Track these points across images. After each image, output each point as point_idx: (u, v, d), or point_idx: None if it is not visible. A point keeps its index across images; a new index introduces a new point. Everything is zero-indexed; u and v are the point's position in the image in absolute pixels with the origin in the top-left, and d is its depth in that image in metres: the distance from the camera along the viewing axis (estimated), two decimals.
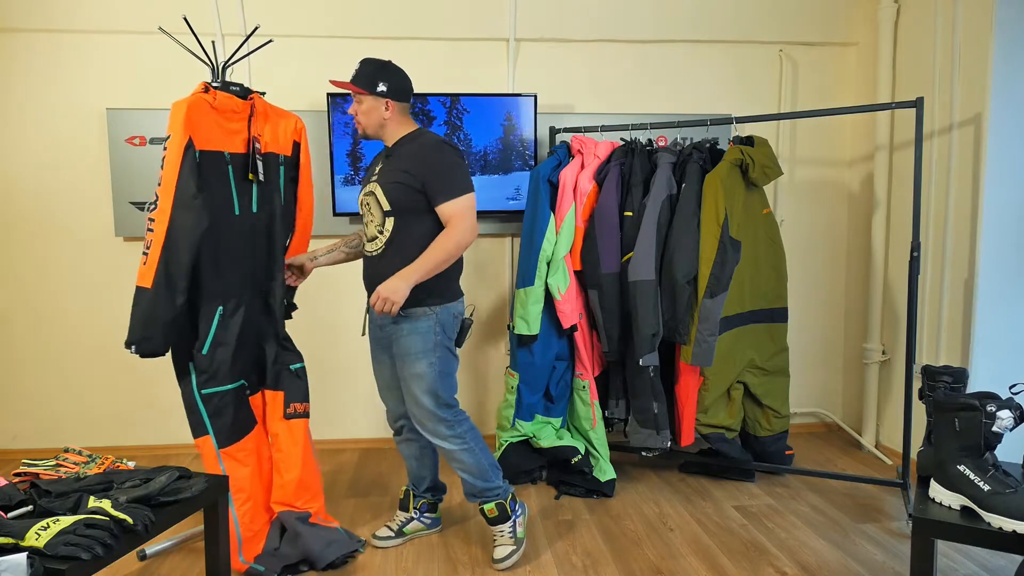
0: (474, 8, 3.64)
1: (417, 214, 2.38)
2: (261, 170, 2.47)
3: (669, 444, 3.10)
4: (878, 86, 3.60)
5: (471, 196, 2.38)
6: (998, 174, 2.96)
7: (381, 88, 2.39)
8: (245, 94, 2.45)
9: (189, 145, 2.26)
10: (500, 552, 2.50)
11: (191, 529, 2.68)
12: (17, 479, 2.07)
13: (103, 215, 3.58)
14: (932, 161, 3.24)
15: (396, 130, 2.45)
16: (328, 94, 3.47)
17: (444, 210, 2.35)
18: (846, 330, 4.01)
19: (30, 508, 1.75)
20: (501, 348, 3.86)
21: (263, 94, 2.53)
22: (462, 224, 2.34)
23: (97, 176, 3.57)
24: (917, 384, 2.93)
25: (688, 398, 3.13)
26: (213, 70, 2.45)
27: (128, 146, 3.50)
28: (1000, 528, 1.72)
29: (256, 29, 2.63)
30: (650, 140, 3.27)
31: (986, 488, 1.78)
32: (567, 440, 3.19)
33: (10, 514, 1.71)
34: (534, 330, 3.12)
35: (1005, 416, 1.79)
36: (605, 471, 3.13)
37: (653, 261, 2.97)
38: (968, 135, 3.06)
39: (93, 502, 1.74)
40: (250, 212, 2.47)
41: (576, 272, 3.17)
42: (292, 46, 3.57)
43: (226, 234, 2.41)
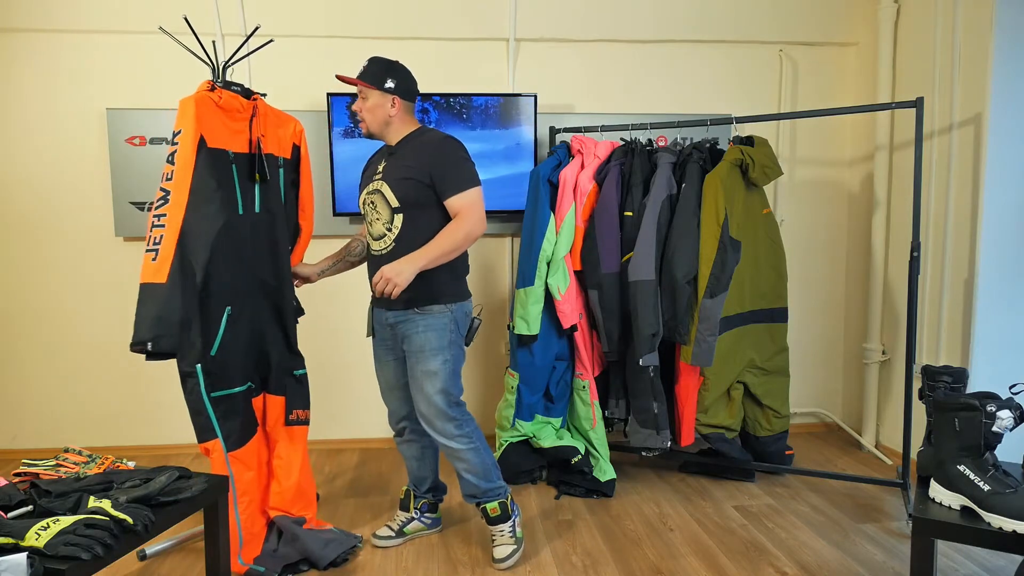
0: (474, 8, 3.64)
1: (426, 209, 2.38)
2: (267, 171, 2.47)
3: (669, 444, 3.10)
4: (878, 86, 3.60)
5: (479, 190, 2.39)
6: (998, 174, 2.96)
7: (389, 84, 2.40)
8: (247, 95, 2.46)
9: (202, 141, 2.24)
10: (501, 552, 2.51)
11: (191, 529, 2.68)
12: (17, 479, 2.07)
13: (103, 215, 3.58)
14: (932, 161, 3.24)
15: (400, 129, 2.45)
16: (328, 94, 3.47)
17: (453, 203, 2.36)
18: (846, 330, 4.01)
19: (30, 508, 1.75)
20: (501, 348, 3.86)
21: (264, 96, 2.54)
22: (472, 216, 2.35)
23: (97, 176, 3.57)
24: (917, 384, 2.92)
25: (688, 398, 3.13)
26: (213, 70, 2.45)
27: (128, 146, 3.50)
28: (1000, 528, 1.72)
29: (256, 29, 2.63)
30: (650, 140, 3.27)
31: (986, 488, 1.78)
32: (567, 440, 3.19)
33: (10, 514, 1.71)
34: (534, 330, 3.12)
35: (1005, 416, 1.79)
36: (605, 471, 3.13)
37: (653, 261, 2.97)
38: (968, 135, 3.06)
39: (93, 502, 1.75)
40: (253, 212, 2.47)
41: (576, 272, 3.17)
42: (292, 46, 3.57)
43: (231, 233, 2.40)
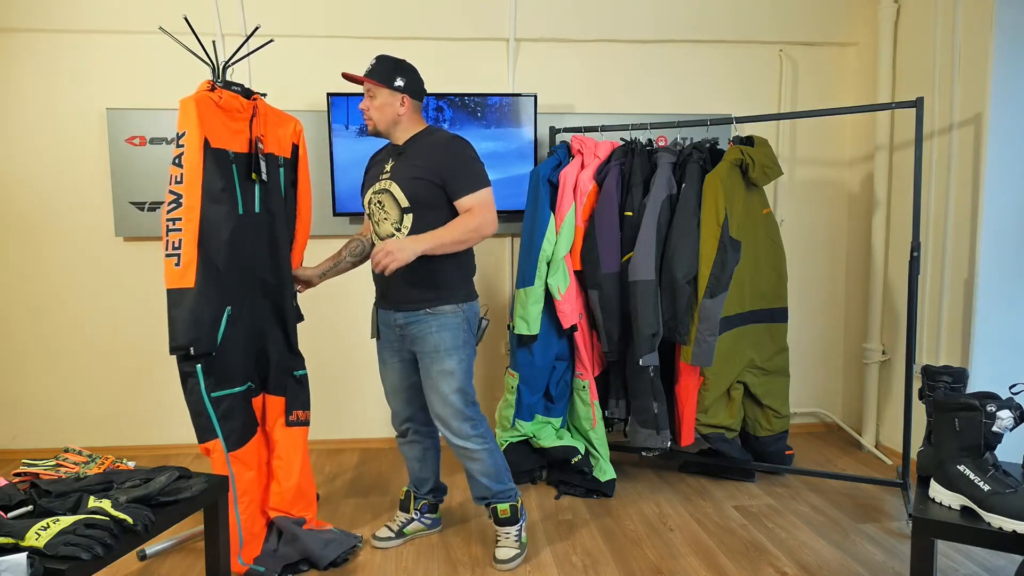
0: (474, 8, 3.64)
1: (436, 210, 2.37)
2: (264, 170, 2.47)
3: (669, 444, 3.10)
4: (878, 86, 3.60)
5: (490, 190, 2.40)
6: (998, 174, 2.96)
7: (399, 83, 2.40)
8: (247, 95, 2.45)
9: (206, 142, 2.25)
10: (504, 553, 2.50)
11: (191, 529, 2.68)
12: (17, 479, 2.07)
13: (103, 215, 3.58)
14: (932, 161, 3.24)
15: (408, 128, 2.44)
16: (328, 94, 3.47)
17: (464, 203, 2.36)
18: (846, 330, 4.01)
19: (30, 508, 1.75)
20: (501, 348, 3.86)
21: (264, 96, 2.54)
22: (484, 213, 2.36)
23: (97, 176, 3.57)
24: (917, 384, 2.92)
25: (688, 398, 3.13)
26: (213, 70, 2.45)
27: (128, 146, 3.50)
28: (1000, 528, 1.72)
29: (256, 29, 2.63)
30: (650, 140, 3.27)
31: (986, 488, 1.78)
32: (567, 440, 3.19)
33: (10, 514, 1.71)
34: (534, 330, 3.12)
35: (1005, 416, 1.79)
36: (605, 471, 3.13)
37: (653, 261, 2.97)
38: (968, 135, 3.06)
39: (93, 502, 1.75)
40: (253, 212, 2.47)
41: (576, 272, 3.17)
42: (292, 46, 3.57)
43: (234, 233, 2.40)
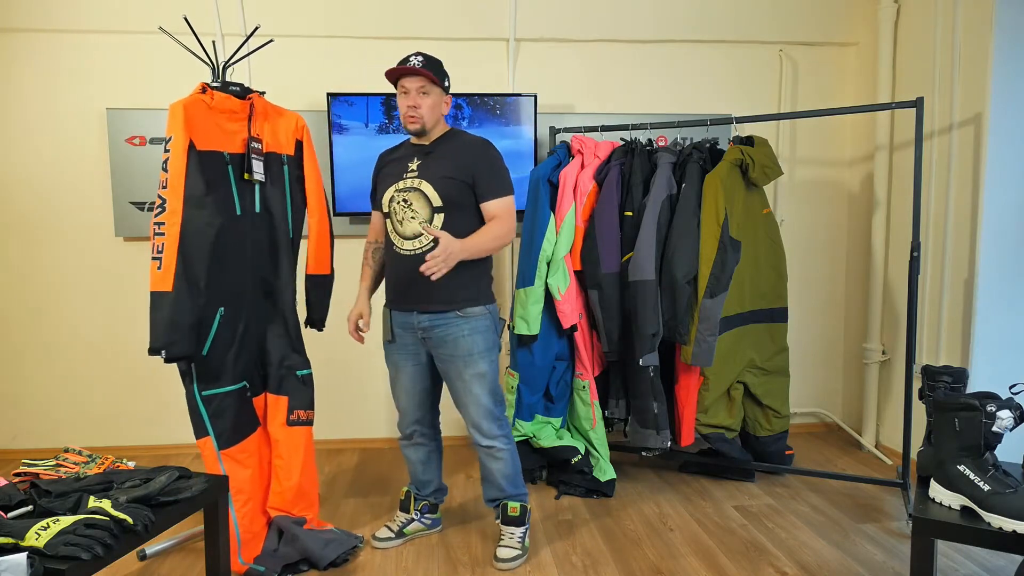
0: (474, 8, 3.64)
1: (465, 210, 2.40)
2: (260, 170, 2.46)
3: (669, 444, 3.10)
4: (878, 86, 3.60)
5: (513, 197, 2.45)
6: (998, 174, 2.96)
7: (447, 83, 2.44)
8: (244, 94, 2.45)
9: (191, 145, 2.26)
10: (506, 553, 2.50)
11: (191, 529, 2.68)
12: (17, 479, 2.07)
13: (103, 215, 3.58)
14: (932, 161, 3.24)
15: (439, 128, 2.47)
16: (328, 94, 3.47)
17: (491, 207, 2.40)
18: (846, 330, 4.01)
19: (30, 508, 1.75)
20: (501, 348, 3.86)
21: (263, 93, 2.52)
22: (509, 221, 2.42)
23: (97, 176, 3.57)
24: (917, 384, 2.93)
25: (688, 398, 3.13)
26: (213, 70, 2.45)
27: (128, 146, 3.50)
28: (1000, 528, 1.72)
29: (256, 29, 2.63)
30: (650, 140, 3.27)
31: (986, 488, 1.78)
32: (567, 440, 3.19)
33: (10, 514, 1.71)
34: (534, 330, 3.12)
35: (1005, 416, 1.79)
36: (605, 471, 3.13)
37: (653, 261, 2.97)
38: (968, 135, 3.06)
39: (93, 502, 1.74)
40: (252, 212, 2.46)
41: (576, 272, 3.17)
42: (292, 46, 3.57)
43: (227, 235, 2.41)
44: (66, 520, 1.63)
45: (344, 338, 3.73)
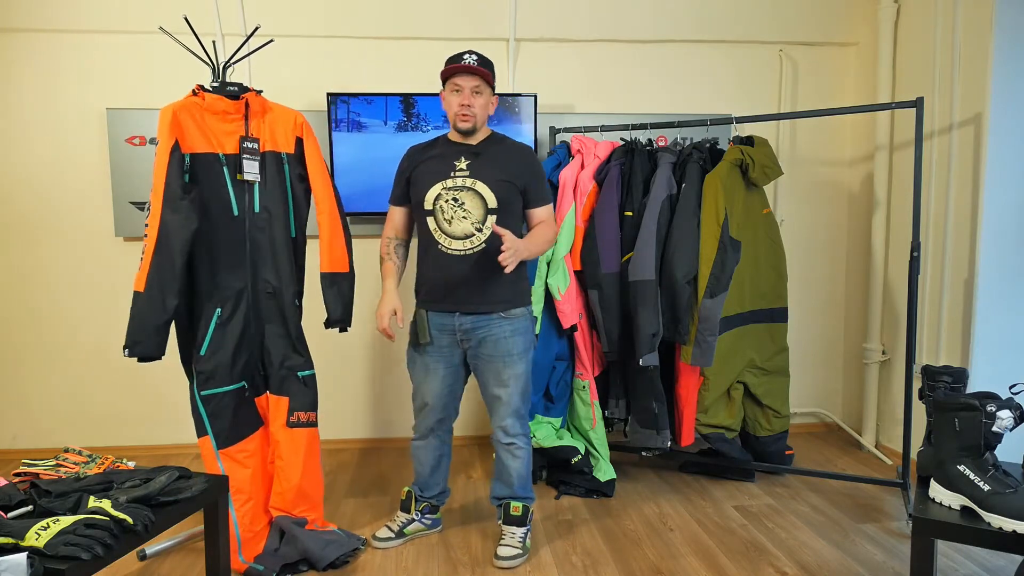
0: (474, 8, 3.64)
1: (513, 213, 2.45)
2: (254, 171, 2.44)
3: (669, 444, 3.10)
4: (878, 86, 3.60)
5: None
6: (998, 174, 2.96)
7: (495, 84, 2.47)
8: (240, 94, 2.42)
9: (175, 148, 2.29)
10: (506, 551, 2.50)
11: (191, 529, 2.68)
12: (17, 479, 2.07)
13: (103, 215, 3.58)
14: (932, 161, 3.24)
15: (484, 129, 2.49)
16: (328, 94, 3.47)
17: (539, 213, 2.51)
18: (846, 330, 4.01)
19: (30, 508, 1.75)
20: None
21: (259, 92, 2.50)
22: (555, 226, 2.56)
23: (97, 176, 3.57)
24: (917, 384, 2.92)
25: (688, 398, 3.13)
26: (213, 70, 2.45)
27: (128, 146, 3.50)
28: (1000, 528, 1.72)
29: (256, 29, 2.63)
30: (650, 140, 3.27)
31: (986, 488, 1.78)
32: (567, 440, 3.19)
33: (10, 514, 1.71)
34: (534, 330, 3.12)
35: (1005, 416, 1.79)
36: (605, 471, 3.13)
37: (653, 261, 2.97)
38: (968, 135, 3.06)
39: (93, 502, 1.75)
40: (251, 213, 2.46)
41: (576, 272, 3.17)
42: (292, 46, 3.57)
43: (224, 236, 2.41)
44: (66, 520, 1.63)
45: (344, 338, 3.73)
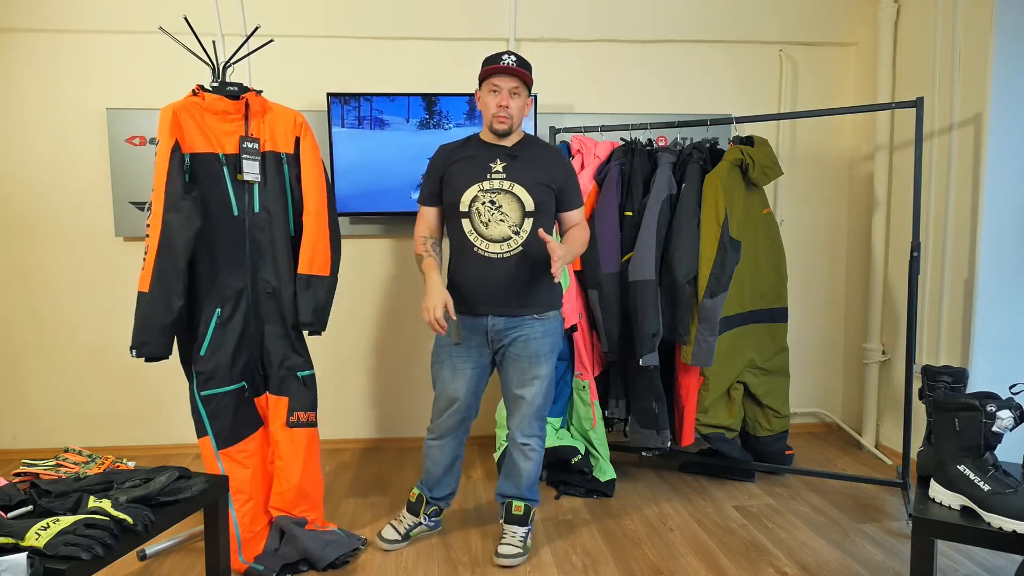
0: (474, 8, 3.64)
1: (548, 216, 2.45)
2: (254, 171, 2.44)
3: (669, 444, 3.10)
4: (878, 86, 3.60)
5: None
6: (998, 174, 2.96)
7: (532, 86, 2.47)
8: (239, 93, 2.42)
9: (175, 148, 2.29)
10: (507, 550, 2.51)
11: (191, 529, 2.68)
12: (17, 479, 2.07)
13: (103, 215, 3.58)
14: (932, 161, 3.24)
15: (518, 130, 2.49)
16: (328, 94, 3.47)
17: (573, 216, 2.51)
18: (846, 330, 4.01)
19: (30, 508, 1.75)
20: None
21: (259, 92, 2.50)
22: (588, 227, 2.57)
23: (97, 176, 3.57)
24: (917, 384, 2.92)
25: (688, 398, 3.13)
26: (213, 70, 2.45)
27: (128, 146, 3.50)
28: (1000, 528, 1.72)
29: (256, 29, 2.63)
30: (650, 140, 3.27)
31: (986, 488, 1.78)
32: (567, 440, 3.19)
33: (10, 514, 1.71)
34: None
35: (1005, 416, 1.79)
36: (605, 471, 3.13)
37: (653, 261, 2.97)
38: (968, 135, 3.06)
39: (93, 502, 1.75)
40: (251, 213, 2.46)
41: (576, 272, 3.17)
42: (292, 46, 3.57)
43: (224, 236, 2.41)
44: (66, 520, 1.63)
45: (345, 338, 3.73)
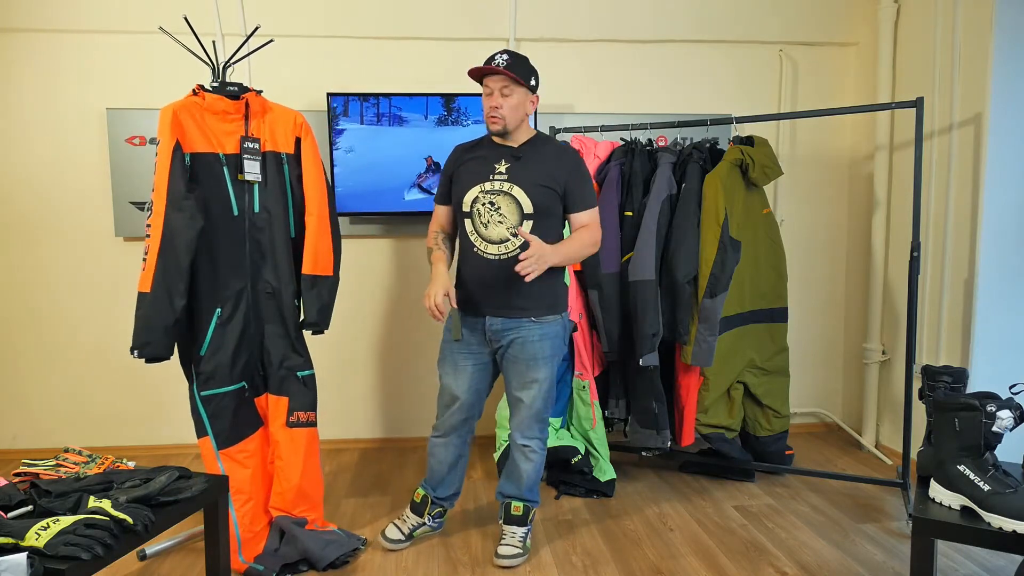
0: (474, 8, 3.64)
1: (552, 219, 2.41)
2: (255, 171, 2.44)
3: (669, 444, 3.10)
4: (878, 86, 3.60)
5: (598, 209, 2.48)
6: (998, 174, 2.96)
7: (533, 83, 2.40)
8: (240, 94, 2.42)
9: (176, 148, 2.28)
10: (507, 550, 2.51)
11: (191, 529, 2.68)
12: (17, 479, 2.07)
13: (103, 215, 3.58)
14: (932, 161, 3.24)
15: (524, 130, 2.44)
16: (328, 94, 3.47)
17: (581, 218, 2.42)
18: (846, 330, 4.01)
19: (30, 508, 1.75)
20: None
21: (259, 92, 2.50)
22: (598, 231, 2.44)
23: (97, 176, 3.57)
24: (917, 384, 2.92)
25: (688, 398, 3.13)
26: (213, 70, 2.45)
27: (128, 146, 3.50)
28: (1000, 528, 1.72)
29: (256, 29, 2.63)
30: (650, 140, 3.27)
31: (986, 488, 1.78)
32: (567, 440, 3.19)
33: (10, 514, 1.71)
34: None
35: (1005, 416, 1.79)
36: (605, 471, 3.13)
37: (653, 261, 2.97)
38: (968, 135, 3.06)
39: (93, 502, 1.75)
40: (251, 213, 2.46)
41: (576, 272, 3.17)
42: (292, 46, 3.57)
43: (224, 236, 2.41)
44: (66, 520, 1.63)
45: (345, 338, 3.73)
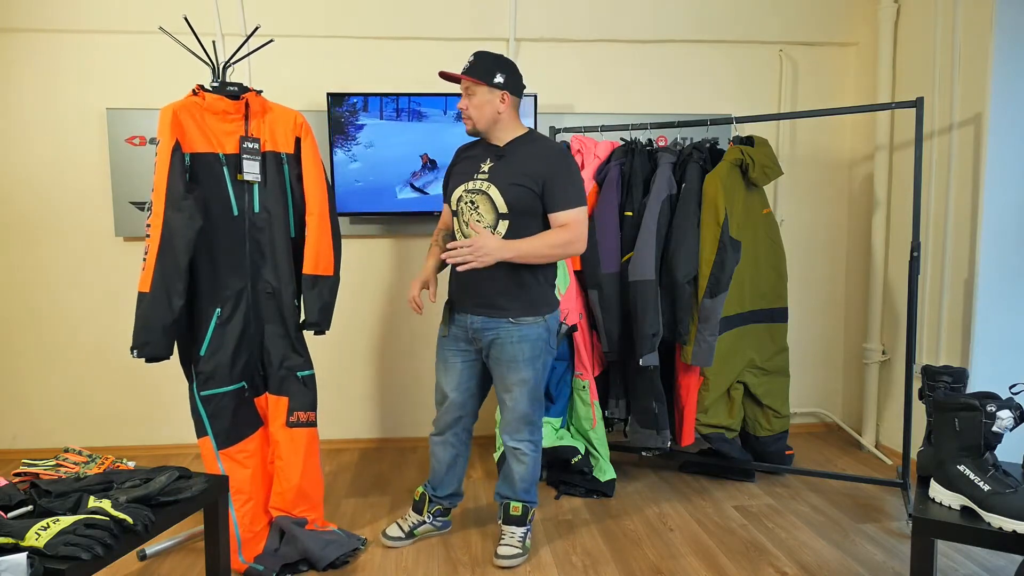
0: (474, 8, 3.64)
1: (532, 218, 2.37)
2: (255, 171, 2.44)
3: (669, 444, 3.10)
4: (878, 86, 3.60)
5: (585, 209, 2.40)
6: (998, 174, 2.96)
7: (498, 80, 2.34)
8: (236, 95, 2.42)
9: (176, 148, 2.28)
10: (506, 551, 2.51)
11: (191, 529, 2.68)
12: (17, 479, 2.07)
13: (103, 215, 3.58)
14: (932, 161, 3.24)
15: (510, 128, 2.41)
16: (328, 94, 3.47)
17: (560, 217, 2.35)
18: (846, 330, 4.01)
19: (30, 508, 1.75)
20: None
21: (259, 92, 2.50)
22: (576, 230, 2.35)
23: (97, 176, 3.56)
24: (917, 384, 2.92)
25: (688, 398, 3.13)
26: (213, 70, 2.45)
27: (128, 146, 3.50)
28: (1000, 528, 1.72)
29: (256, 29, 2.63)
30: (650, 140, 3.27)
31: (986, 488, 1.78)
32: (567, 440, 3.19)
33: (10, 514, 1.71)
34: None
35: (1005, 416, 1.79)
36: (605, 471, 3.13)
37: (653, 261, 2.97)
38: (968, 135, 3.06)
39: (93, 502, 1.75)
40: (251, 213, 2.46)
41: (576, 272, 3.17)
42: (292, 46, 3.57)
43: (224, 236, 2.41)
44: (66, 520, 1.63)
45: (345, 338, 3.73)
